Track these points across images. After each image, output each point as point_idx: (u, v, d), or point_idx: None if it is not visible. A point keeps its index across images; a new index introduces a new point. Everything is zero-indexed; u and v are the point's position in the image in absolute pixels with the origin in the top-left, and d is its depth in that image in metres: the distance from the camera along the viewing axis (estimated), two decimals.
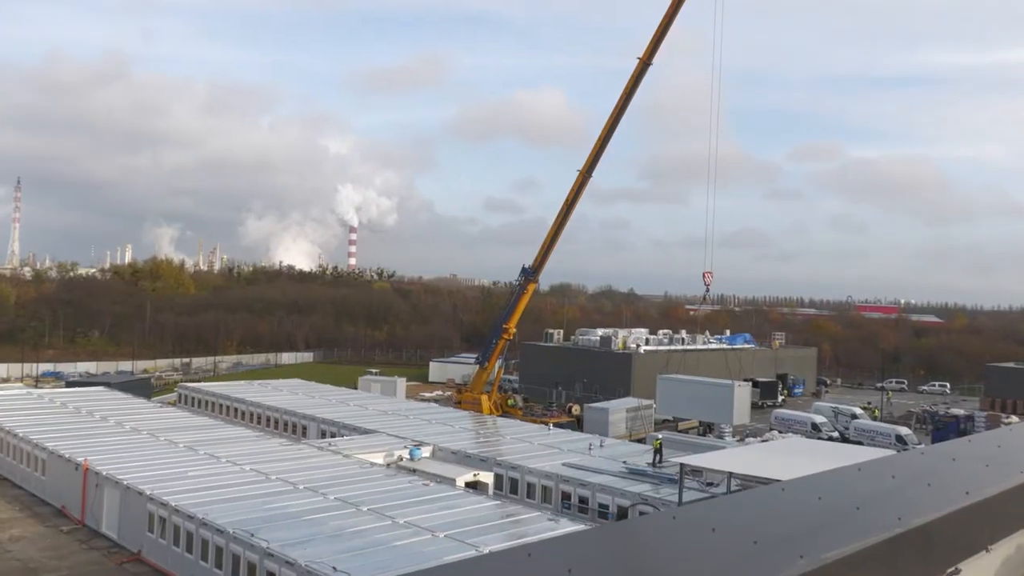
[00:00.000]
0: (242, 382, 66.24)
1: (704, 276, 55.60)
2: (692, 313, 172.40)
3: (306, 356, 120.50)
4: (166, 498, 28.74)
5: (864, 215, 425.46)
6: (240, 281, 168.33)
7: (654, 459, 38.71)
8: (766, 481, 25.77)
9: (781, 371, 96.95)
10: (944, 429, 64.87)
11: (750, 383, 65.10)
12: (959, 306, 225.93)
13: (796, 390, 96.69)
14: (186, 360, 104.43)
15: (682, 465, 31.90)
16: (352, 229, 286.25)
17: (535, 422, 58.79)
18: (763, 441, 50.50)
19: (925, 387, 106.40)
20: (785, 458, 30.98)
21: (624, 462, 38.33)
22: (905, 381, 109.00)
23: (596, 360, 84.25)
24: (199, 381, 77.29)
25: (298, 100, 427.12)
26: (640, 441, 53.61)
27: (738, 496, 4.26)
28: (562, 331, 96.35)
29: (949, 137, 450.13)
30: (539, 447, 42.88)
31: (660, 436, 43.38)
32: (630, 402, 66.03)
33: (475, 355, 76.27)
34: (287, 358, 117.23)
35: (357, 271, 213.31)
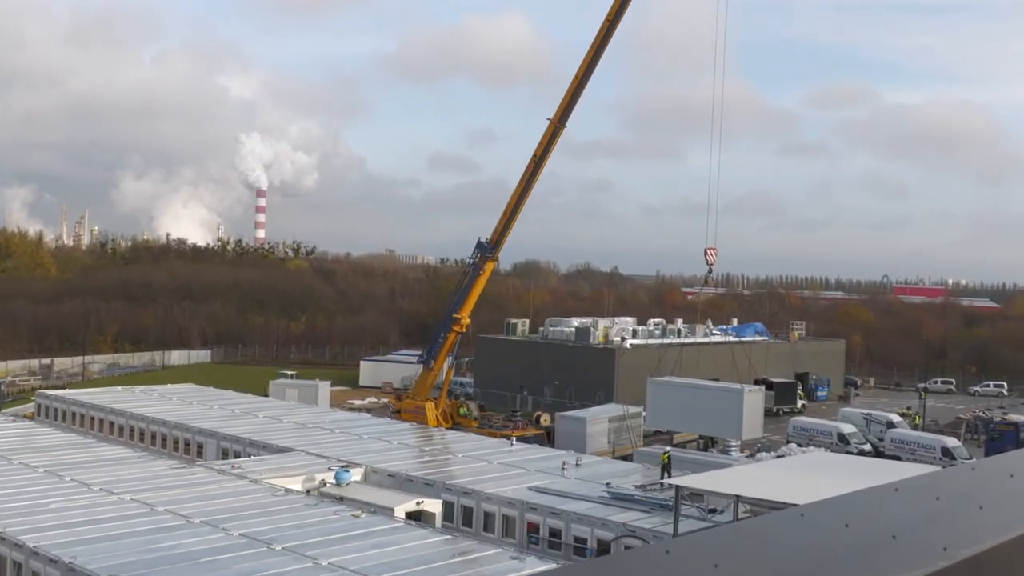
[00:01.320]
0: (120, 388, 66.28)
1: (707, 253, 56.06)
2: (691, 298, 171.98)
3: (202, 355, 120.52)
4: (22, 538, 28.50)
5: (902, 175, 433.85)
6: (116, 260, 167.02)
7: (661, 476, 39.56)
8: (781, 506, 26.03)
9: (801, 369, 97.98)
10: (1000, 439, 66.20)
11: (763, 387, 66.16)
12: (1020, 288, 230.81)
13: (819, 393, 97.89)
14: (46, 361, 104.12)
15: (678, 488, 32.25)
16: (260, 193, 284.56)
17: (494, 435, 58.67)
18: (778, 457, 51.25)
19: (978, 388, 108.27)
20: (805, 477, 31.63)
21: (607, 484, 38.42)
22: (953, 381, 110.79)
23: (571, 357, 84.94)
24: (63, 388, 76.54)
25: (188, 26, 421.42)
26: (626, 458, 53.89)
27: (747, 524, 4.31)
28: (528, 321, 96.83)
29: (1007, 78, 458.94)
30: (499, 467, 43.15)
31: (668, 449, 44.56)
32: (613, 410, 66.41)
33: (418, 352, 76.53)
34: (177, 357, 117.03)
35: (267, 246, 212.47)
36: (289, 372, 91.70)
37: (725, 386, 60.92)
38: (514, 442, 49.42)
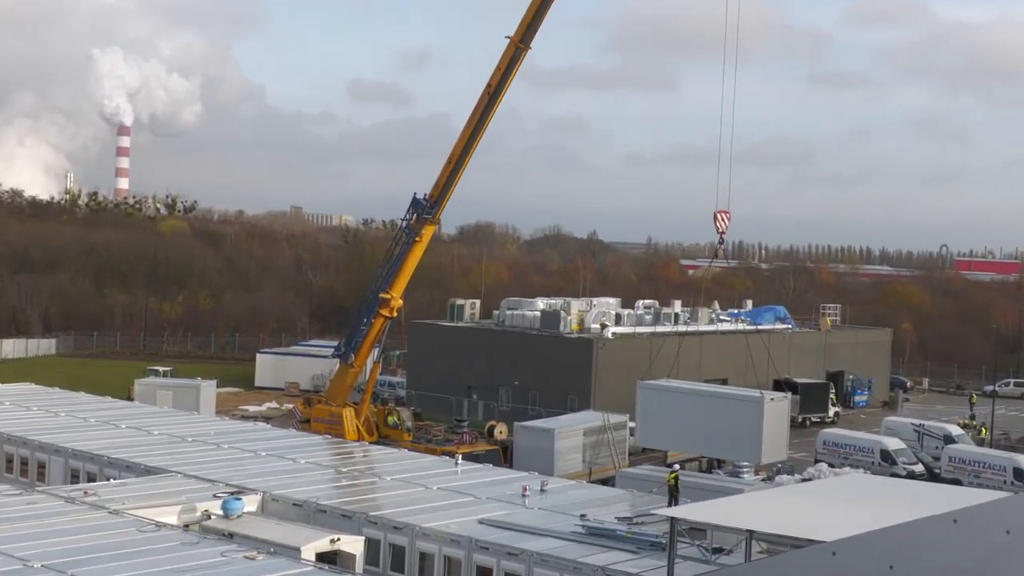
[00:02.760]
0: None
1: (716, 218, 56.78)
2: (693, 274, 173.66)
3: (44, 345, 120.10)
4: None
5: (964, 114, 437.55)
6: None
7: (669, 501, 40.35)
8: (806, 543, 26.49)
9: (834, 367, 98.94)
10: None
11: (787, 393, 66.44)
12: None
13: (858, 398, 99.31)
14: None
15: (674, 521, 32.55)
16: (123, 130, 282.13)
17: (433, 452, 59.01)
18: (804, 481, 52.10)
19: None
20: (837, 507, 31.98)
21: (581, 516, 38.76)
22: None
23: (534, 351, 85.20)
24: None
25: None
26: (606, 482, 54.19)
27: (762, 567, 4.37)
28: (478, 303, 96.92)
29: None
30: (440, 493, 43.32)
31: (677, 467, 45.03)
32: (590, 419, 66.56)
33: (333, 344, 76.71)
34: (11, 349, 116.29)
35: (132, 201, 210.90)
36: (161, 369, 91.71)
37: (740, 393, 61.32)
38: (460, 461, 49.63)
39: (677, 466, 45.94)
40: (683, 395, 61.15)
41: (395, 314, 67.19)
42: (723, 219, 56.91)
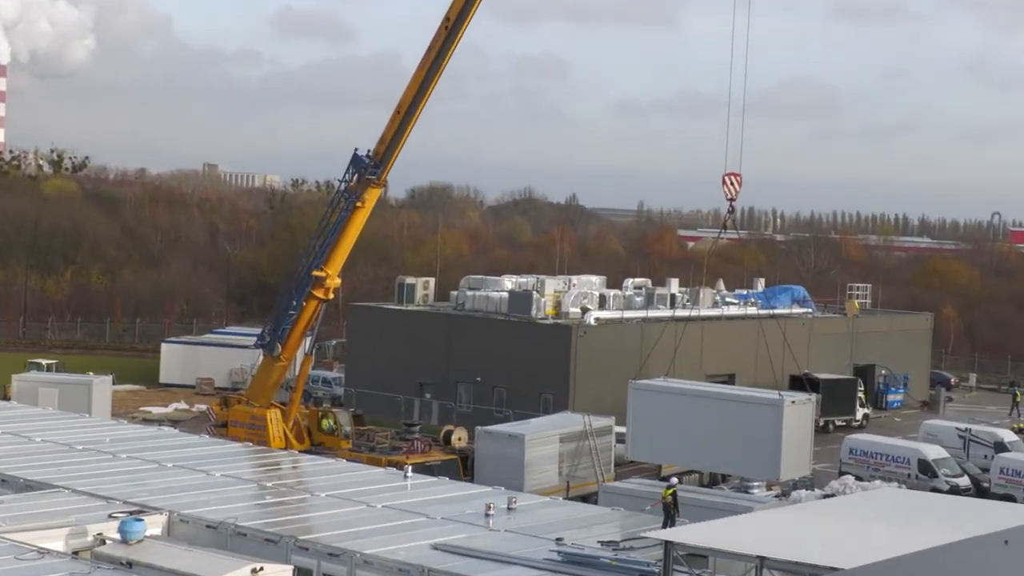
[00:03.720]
0: None
1: (725, 182, 57.35)
2: (694, 247, 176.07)
3: None
4: None
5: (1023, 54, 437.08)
6: None
7: (665, 522, 40.80)
8: (825, 571, 27.10)
9: (864, 359, 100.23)
10: None
11: (811, 395, 65.53)
12: None
13: (892, 396, 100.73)
14: None
15: (669, 545, 32.64)
16: None
17: (377, 463, 59.42)
18: (826, 497, 51.37)
19: None
20: (866, 528, 32.43)
21: (557, 541, 38.56)
22: None
23: (502, 339, 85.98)
24: None
25: None
26: (587, 499, 55.17)
27: None
28: (433, 282, 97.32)
29: None
30: (386, 513, 43.15)
31: (675, 481, 45.84)
32: (568, 422, 66.95)
33: (256, 332, 76.50)
34: None
35: (9, 156, 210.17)
36: (45, 362, 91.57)
37: (754, 395, 61.60)
38: (410, 473, 49.80)
39: (675, 480, 46.39)
40: (685, 398, 61.17)
41: (331, 296, 67.35)
42: (733, 184, 57.15)
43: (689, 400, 61.10)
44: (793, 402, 58.13)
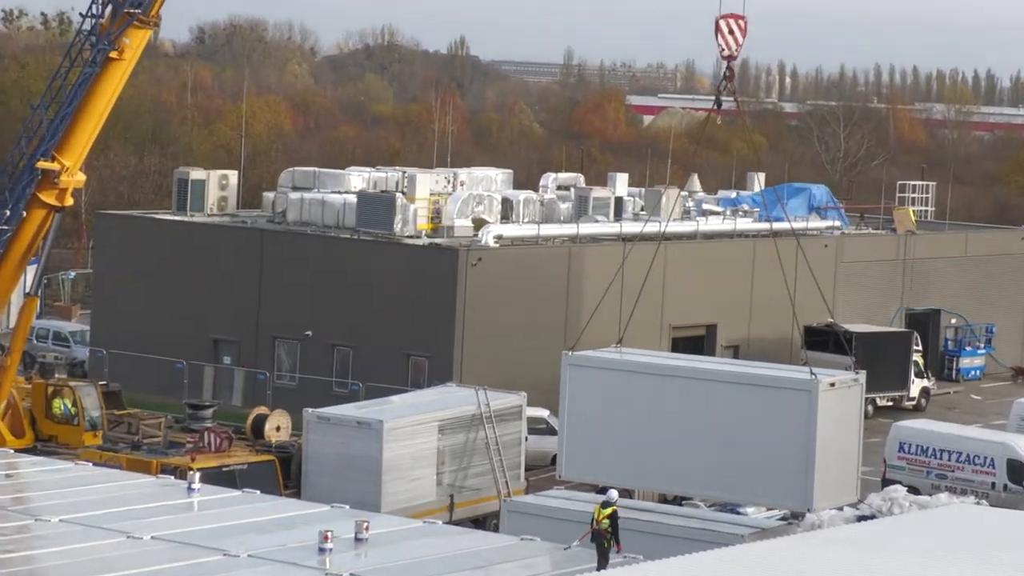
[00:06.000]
0: None
1: (721, 27, 51.28)
2: (653, 123, 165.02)
3: None
4: None
5: None
6: None
7: (600, 561, 36.66)
8: None
9: (921, 302, 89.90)
10: None
11: (856, 370, 55.67)
12: None
13: (967, 360, 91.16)
14: None
15: None
16: None
17: (147, 468, 52.76)
18: (861, 520, 47.41)
19: None
20: (923, 571, 28.51)
21: None
22: None
23: (346, 271, 78.53)
24: None
25: None
26: (483, 522, 53.30)
27: None
28: (235, 176, 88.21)
29: None
30: (160, 549, 37.10)
31: (615, 497, 41.37)
32: (453, 403, 60.52)
33: None
34: None
35: None
36: None
37: (767, 373, 52.50)
38: (197, 484, 43.45)
39: (614, 495, 41.24)
40: (654, 381, 51.46)
41: (69, 201, 60.05)
42: (734, 31, 49.56)
43: (660, 385, 51.66)
44: (833, 384, 48.67)
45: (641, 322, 61.22)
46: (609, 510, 37.60)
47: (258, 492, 44.04)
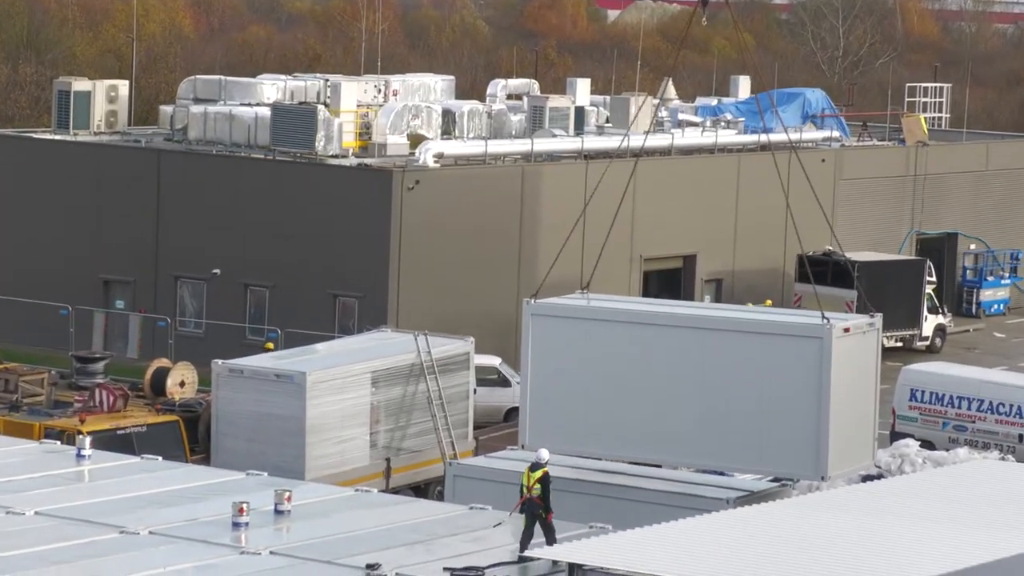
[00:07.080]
0: None
1: None
2: (620, 18, 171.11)
3: None
4: None
5: None
6: None
7: (525, 533, 33.86)
8: None
9: (936, 226, 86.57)
10: None
11: (873, 313, 51.57)
12: None
13: (988, 292, 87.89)
14: None
15: (573, 572, 28.92)
16: None
17: (27, 432, 51.79)
18: (867, 479, 47.09)
19: None
20: (936, 535, 28.31)
21: (368, 569, 31.24)
22: None
23: (259, 195, 75.68)
24: None
25: None
26: (424, 489, 53.38)
27: None
28: (127, 87, 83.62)
29: None
30: (44, 525, 34.77)
31: (545, 460, 37.19)
32: (388, 350, 58.56)
33: None
34: None
35: None
36: None
37: (766, 317, 50.29)
38: (87, 448, 41.41)
39: (544, 453, 37.16)
40: (633, 330, 48.21)
41: None
42: None
43: (642, 336, 48.28)
44: (847, 329, 45.49)
45: (607, 255, 55.24)
46: (539, 472, 34.75)
47: (160, 458, 42.31)
